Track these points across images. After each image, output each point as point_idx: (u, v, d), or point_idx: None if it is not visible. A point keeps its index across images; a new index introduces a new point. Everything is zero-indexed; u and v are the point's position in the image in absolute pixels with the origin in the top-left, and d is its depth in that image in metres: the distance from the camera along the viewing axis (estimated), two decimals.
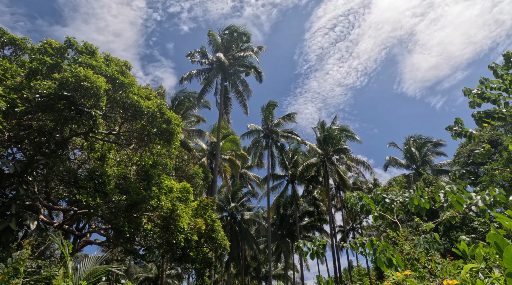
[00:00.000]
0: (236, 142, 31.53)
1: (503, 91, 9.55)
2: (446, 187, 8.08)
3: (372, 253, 7.09)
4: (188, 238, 10.10)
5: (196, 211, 11.64)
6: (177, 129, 10.25)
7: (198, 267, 11.75)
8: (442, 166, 37.32)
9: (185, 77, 29.42)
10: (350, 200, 10.11)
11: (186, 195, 10.92)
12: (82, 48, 10.28)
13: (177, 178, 15.24)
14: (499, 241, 1.47)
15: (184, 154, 16.41)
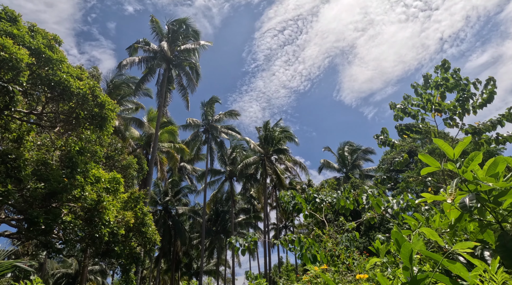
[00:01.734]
0: (174, 134, 30.56)
1: (421, 108, 10.75)
2: (368, 191, 8.77)
3: (298, 249, 7.41)
4: (114, 232, 9.49)
5: (126, 203, 10.98)
6: (111, 115, 9.55)
7: (124, 262, 11.13)
8: (369, 171, 40.82)
9: (124, 64, 27.45)
10: (284, 199, 10.45)
11: (116, 186, 10.23)
12: (0, 13, 8.97)
13: (108, 168, 14.21)
14: (399, 238, 1.63)
15: (117, 142, 15.36)
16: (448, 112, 10.41)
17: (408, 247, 1.34)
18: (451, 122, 10.58)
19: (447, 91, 10.20)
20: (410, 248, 1.35)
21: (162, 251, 38.81)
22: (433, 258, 1.54)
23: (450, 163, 2.58)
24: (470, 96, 10.05)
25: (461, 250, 1.40)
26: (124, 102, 28.78)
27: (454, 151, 2.51)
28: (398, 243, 1.58)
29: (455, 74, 10.29)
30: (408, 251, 1.35)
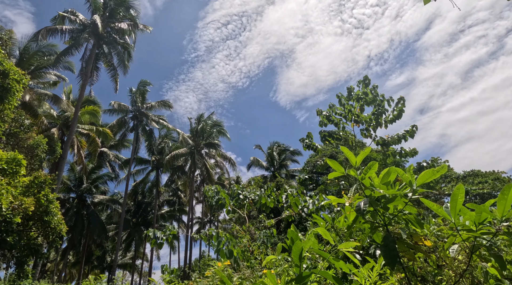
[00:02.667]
0: (96, 115, 28.10)
1: (343, 117, 11.65)
2: (288, 190, 9.16)
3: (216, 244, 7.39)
4: (8, 220, 8.27)
5: (28, 188, 9.68)
6: (17, 87, 8.30)
7: (19, 254, 9.83)
8: (294, 172, 43.01)
9: (44, 32, 24.14)
10: (208, 193, 10.34)
11: (15, 167, 8.92)
12: None
13: (9, 146, 12.35)
14: (294, 237, 1.70)
15: (25, 119, 13.43)
16: (364, 123, 11.51)
17: (299, 245, 1.41)
18: (367, 133, 11.71)
19: (366, 104, 11.27)
20: (300, 247, 1.42)
21: (71, 243, 35.45)
22: (322, 255, 1.66)
23: (352, 170, 2.79)
24: (383, 111, 11.24)
25: (344, 249, 1.52)
26: (40, 74, 25.39)
27: (356, 159, 2.72)
28: (292, 241, 1.65)
29: (373, 90, 11.41)
30: (298, 249, 1.41)
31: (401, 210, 2.71)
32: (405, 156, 11.89)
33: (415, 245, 2.51)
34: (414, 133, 11.46)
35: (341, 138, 11.35)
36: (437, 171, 2.62)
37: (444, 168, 2.60)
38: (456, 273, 2.24)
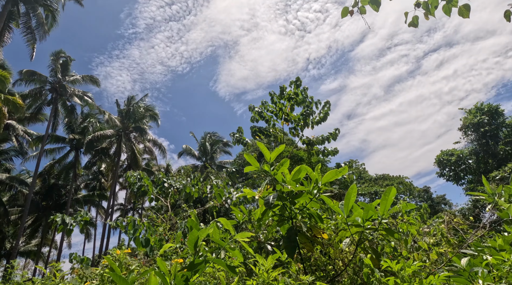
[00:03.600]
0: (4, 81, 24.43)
1: (274, 114, 12.07)
2: (214, 181, 9.19)
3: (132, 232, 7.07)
4: None
5: None
6: None
7: None
8: (225, 164, 43.24)
9: None
10: (130, 179, 9.80)
11: None
12: None
13: None
14: (193, 225, 1.74)
15: None
16: (293, 122, 12.12)
17: (194, 234, 1.44)
18: (295, 132, 12.36)
19: (296, 104, 11.84)
20: (196, 235, 1.45)
21: None
22: (220, 244, 1.72)
23: (266, 165, 2.92)
24: (311, 112, 11.96)
25: (240, 239, 1.61)
26: None
27: (271, 155, 2.86)
28: (190, 230, 1.69)
29: (303, 91, 12.04)
30: (194, 238, 1.45)
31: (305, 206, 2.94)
32: (327, 154, 12.86)
33: (313, 237, 2.76)
34: (336, 136, 12.45)
35: (271, 134, 11.78)
36: (339, 172, 2.89)
37: (345, 169, 2.87)
38: (343, 263, 2.52)
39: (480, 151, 21.07)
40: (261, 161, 11.41)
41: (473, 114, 21.44)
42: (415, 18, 2.72)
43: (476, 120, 20.87)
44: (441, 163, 23.25)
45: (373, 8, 2.38)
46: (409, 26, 2.66)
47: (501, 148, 19.35)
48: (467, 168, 21.81)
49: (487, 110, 20.76)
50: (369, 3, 2.40)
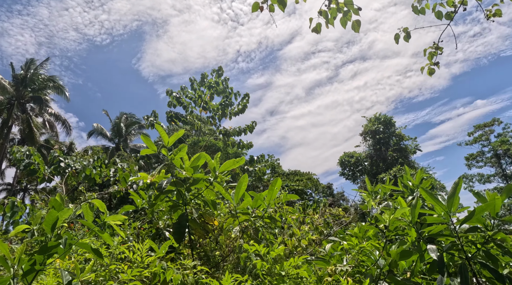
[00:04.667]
0: None
1: (193, 101, 11.83)
2: (119, 164, 8.58)
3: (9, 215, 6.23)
4: None
5: None
6: None
7: None
8: (141, 147, 40.83)
9: None
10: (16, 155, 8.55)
11: None
12: None
13: None
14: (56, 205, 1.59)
15: None
16: (212, 111, 12.07)
17: (53, 214, 1.32)
18: (212, 121, 12.33)
19: (216, 94, 11.81)
20: (55, 216, 1.33)
21: None
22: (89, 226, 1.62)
23: (164, 149, 2.83)
24: (230, 103, 12.09)
25: (112, 222, 1.53)
26: None
27: (169, 140, 2.78)
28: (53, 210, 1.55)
29: (225, 81, 12.08)
30: (52, 219, 1.33)
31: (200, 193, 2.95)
32: (242, 147, 13.18)
33: (205, 224, 2.80)
34: (252, 129, 12.83)
35: (187, 122, 11.51)
36: (237, 162, 2.96)
37: (243, 160, 2.96)
38: (229, 249, 2.62)
39: (374, 155, 24.30)
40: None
41: (372, 123, 24.55)
42: (318, 25, 2.94)
43: (374, 128, 23.98)
44: (343, 163, 26.07)
45: (280, 8, 2.50)
46: (312, 31, 2.87)
47: (389, 154, 22.66)
48: (363, 169, 24.91)
49: (383, 120, 24.03)
50: (277, 2, 2.51)
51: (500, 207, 2.60)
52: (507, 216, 2.70)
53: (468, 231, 2.59)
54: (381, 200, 4.03)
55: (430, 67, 4.40)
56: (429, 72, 4.45)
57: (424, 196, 2.74)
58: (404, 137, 23.93)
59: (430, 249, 2.75)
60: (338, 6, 2.48)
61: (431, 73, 4.46)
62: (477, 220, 2.55)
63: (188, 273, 1.93)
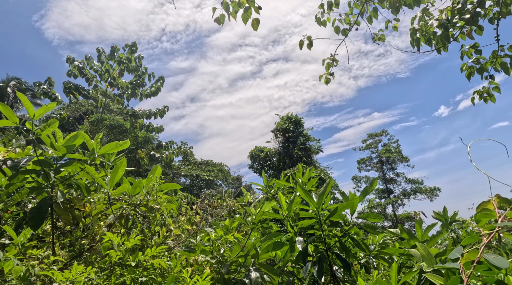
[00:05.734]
0: None
1: (99, 75, 10.73)
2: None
3: None
4: None
5: None
6: None
7: None
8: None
9: None
10: None
11: None
12: None
13: None
14: None
15: None
16: (120, 89, 11.13)
17: None
18: (119, 99, 11.37)
19: (127, 71, 10.91)
20: None
21: None
22: None
23: (28, 122, 2.47)
24: (142, 84, 11.33)
25: None
26: None
27: (36, 113, 2.43)
28: None
29: (138, 59, 11.25)
30: None
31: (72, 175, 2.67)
32: (152, 131, 12.50)
33: (72, 209, 2.53)
34: (163, 113, 12.28)
35: (89, 96, 10.33)
36: (120, 145, 2.75)
37: (127, 143, 2.77)
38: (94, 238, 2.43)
39: (282, 152, 25.87)
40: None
41: (284, 121, 26.05)
42: (222, 16, 2.91)
43: (285, 126, 25.49)
44: (252, 157, 27.03)
45: None
46: (214, 21, 2.83)
47: (295, 152, 24.46)
48: (271, 164, 26.29)
49: (293, 120, 25.76)
50: None
51: (357, 205, 2.99)
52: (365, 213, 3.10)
53: (331, 226, 2.92)
54: (274, 194, 4.30)
55: (327, 77, 4.79)
56: (325, 81, 4.83)
57: (300, 193, 2.95)
58: (310, 138, 26.08)
59: (297, 241, 3.00)
60: (239, 1, 2.48)
61: (327, 82, 4.85)
62: (339, 216, 2.88)
63: (34, 264, 1.71)
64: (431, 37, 3.35)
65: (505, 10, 3.44)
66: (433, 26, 3.22)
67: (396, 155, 38.29)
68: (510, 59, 3.56)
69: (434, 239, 2.75)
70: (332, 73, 4.74)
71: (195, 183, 35.41)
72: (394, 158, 38.15)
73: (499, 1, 3.38)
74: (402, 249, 2.80)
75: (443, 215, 7.71)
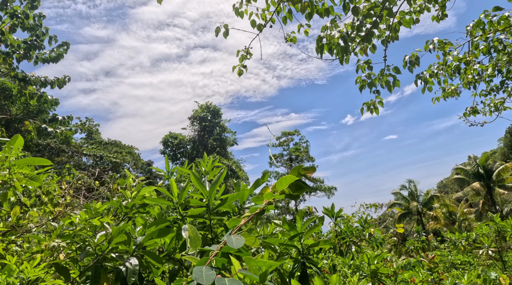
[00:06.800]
0: None
1: None
2: None
3: None
4: None
5: None
6: None
7: None
8: None
9: None
10: None
11: None
12: None
13: None
14: None
15: None
16: (10, 47, 9.38)
17: None
18: (7, 59, 9.58)
19: (21, 27, 9.25)
20: None
21: None
22: None
23: None
24: (40, 46, 9.74)
25: None
26: None
27: None
28: None
29: (39, 18, 9.64)
30: None
31: None
32: (44, 102, 10.86)
33: None
34: (63, 84, 10.82)
35: None
36: None
37: None
38: None
39: (197, 140, 25.51)
40: None
41: (202, 109, 25.68)
42: None
43: (202, 115, 25.16)
44: (165, 143, 25.98)
45: None
46: None
47: (210, 142, 24.38)
48: (184, 151, 25.66)
49: (212, 109, 25.59)
50: None
51: (247, 197, 3.10)
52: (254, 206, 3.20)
53: (220, 215, 2.95)
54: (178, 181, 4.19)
55: (240, 68, 4.82)
56: (238, 73, 4.86)
57: (193, 180, 2.90)
58: (226, 130, 26.30)
59: (184, 228, 2.97)
60: None
61: (239, 74, 4.89)
62: (229, 206, 2.94)
63: None
64: (333, 47, 3.65)
65: (394, 35, 3.97)
66: (335, 37, 3.52)
67: (304, 154, 41.47)
68: (393, 78, 4.13)
69: (310, 231, 3.02)
70: (245, 66, 4.79)
71: (98, 164, 32.47)
72: (302, 157, 41.27)
73: (390, 26, 3.88)
74: (282, 240, 3.00)
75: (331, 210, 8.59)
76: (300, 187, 1.91)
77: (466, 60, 5.06)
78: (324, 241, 3.07)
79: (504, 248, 11.33)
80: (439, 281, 4.50)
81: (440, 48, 5.17)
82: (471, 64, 5.13)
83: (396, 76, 4.25)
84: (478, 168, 33.61)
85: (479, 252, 10.51)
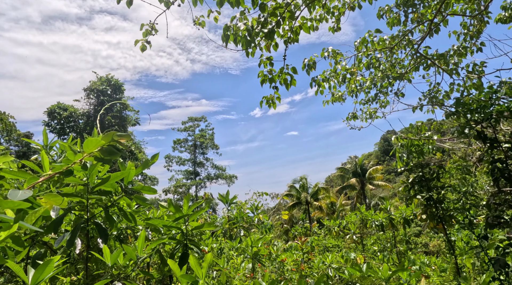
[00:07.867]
0: None
1: None
2: None
3: None
4: None
5: None
6: None
7: None
8: None
9: None
10: None
11: None
12: None
13: None
14: None
15: None
16: None
17: None
18: None
19: None
20: None
21: None
22: None
23: None
24: None
25: None
26: None
27: None
28: None
29: None
30: None
31: None
32: None
33: None
34: None
35: None
36: None
37: None
38: None
39: (92, 115, 22.85)
40: None
41: (101, 82, 23.04)
42: None
43: (101, 88, 22.60)
44: (51, 114, 22.48)
45: None
46: None
47: (108, 118, 22.18)
48: (75, 126, 22.70)
49: (113, 83, 23.20)
50: None
51: (133, 177, 2.97)
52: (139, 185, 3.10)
53: (100, 194, 2.77)
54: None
55: (143, 43, 4.53)
56: (141, 48, 4.56)
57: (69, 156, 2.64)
58: (128, 108, 24.24)
59: (53, 208, 2.69)
60: None
61: (142, 50, 4.60)
62: (111, 186, 2.77)
63: None
64: (238, 38, 3.75)
65: (294, 37, 4.31)
66: (240, 29, 3.62)
67: (209, 142, 41.54)
68: (290, 77, 4.48)
69: (195, 214, 3.09)
70: (149, 42, 4.54)
71: None
72: (207, 144, 41.27)
73: (291, 28, 4.20)
74: (167, 222, 2.99)
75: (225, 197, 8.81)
76: (113, 152, 2.04)
77: (351, 71, 5.87)
78: (208, 224, 3.17)
79: (366, 234, 13.60)
80: (308, 260, 5.18)
81: (332, 57, 5.87)
82: (355, 76, 5.96)
83: (293, 76, 4.62)
84: (356, 166, 39.36)
85: (346, 237, 12.42)
